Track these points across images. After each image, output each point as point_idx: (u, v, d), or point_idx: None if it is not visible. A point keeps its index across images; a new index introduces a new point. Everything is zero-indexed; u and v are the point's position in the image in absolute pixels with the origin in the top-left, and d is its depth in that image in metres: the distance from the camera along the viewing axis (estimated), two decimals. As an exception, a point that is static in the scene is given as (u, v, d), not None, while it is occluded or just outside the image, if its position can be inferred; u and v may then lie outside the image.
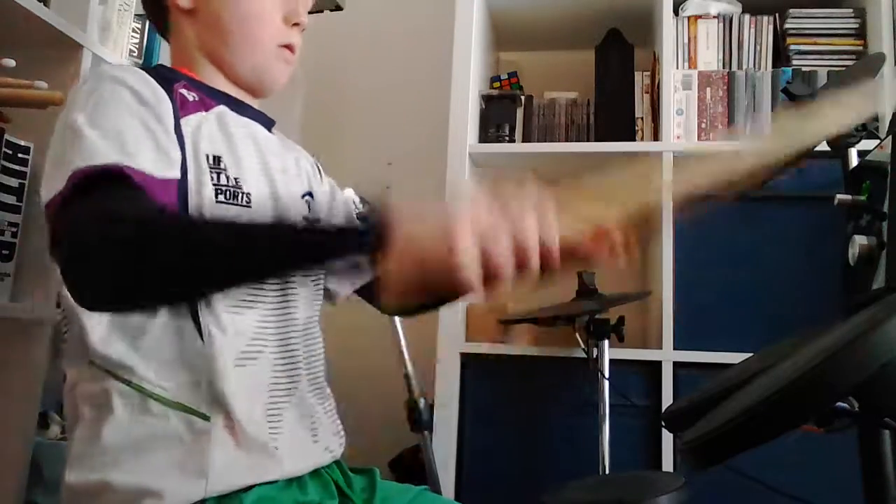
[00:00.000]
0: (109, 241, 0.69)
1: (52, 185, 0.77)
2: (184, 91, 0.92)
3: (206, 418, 0.83)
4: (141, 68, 0.91)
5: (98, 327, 0.84)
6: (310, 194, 1.09)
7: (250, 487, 0.85)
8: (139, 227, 0.70)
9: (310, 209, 1.07)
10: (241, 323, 0.89)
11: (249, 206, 0.91)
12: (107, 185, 0.75)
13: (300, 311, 0.97)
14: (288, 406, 0.92)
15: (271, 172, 0.98)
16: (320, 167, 1.16)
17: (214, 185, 0.88)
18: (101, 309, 0.80)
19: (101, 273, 0.70)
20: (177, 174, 0.84)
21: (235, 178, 0.91)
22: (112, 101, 0.82)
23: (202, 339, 0.85)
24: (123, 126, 0.80)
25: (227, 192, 0.89)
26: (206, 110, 0.94)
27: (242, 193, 0.91)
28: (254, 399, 0.88)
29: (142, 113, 0.83)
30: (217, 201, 0.88)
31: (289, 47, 1.00)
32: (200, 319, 0.85)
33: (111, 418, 0.83)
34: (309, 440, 0.95)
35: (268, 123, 1.06)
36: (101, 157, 0.76)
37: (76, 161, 0.76)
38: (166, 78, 0.92)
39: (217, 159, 0.90)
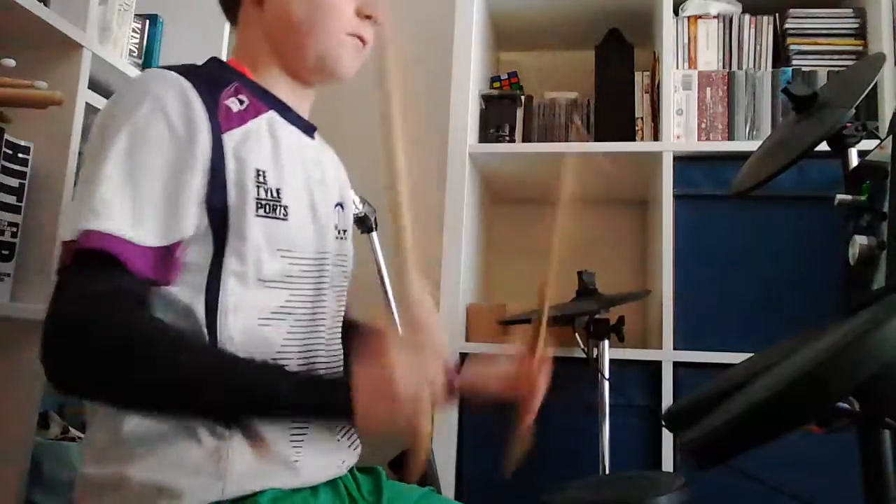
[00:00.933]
0: (90, 347, 0.74)
1: (68, 225, 0.80)
2: (231, 102, 0.91)
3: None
4: (189, 72, 0.89)
5: None
6: (340, 205, 1.09)
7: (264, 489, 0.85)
8: (119, 343, 0.74)
9: (341, 220, 1.07)
10: (268, 333, 0.89)
11: (286, 220, 0.91)
12: (105, 267, 0.77)
13: (326, 323, 0.98)
14: (310, 427, 0.92)
15: (311, 184, 0.98)
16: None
17: (256, 199, 0.88)
18: (62, 391, 0.84)
19: (72, 369, 0.75)
20: (190, 228, 0.83)
21: (277, 190, 0.91)
22: (146, 140, 0.83)
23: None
24: (146, 181, 0.81)
25: (268, 206, 0.89)
26: (257, 115, 0.94)
27: (281, 206, 0.91)
28: None
29: (172, 158, 0.83)
30: (259, 216, 0.88)
31: (360, 38, 1.00)
32: (217, 333, 0.85)
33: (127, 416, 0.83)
34: (329, 455, 0.95)
35: (309, 130, 1.05)
36: (111, 221, 0.78)
37: (90, 218, 0.78)
38: (214, 84, 0.91)
39: (259, 172, 0.89)
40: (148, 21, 1.83)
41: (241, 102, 0.93)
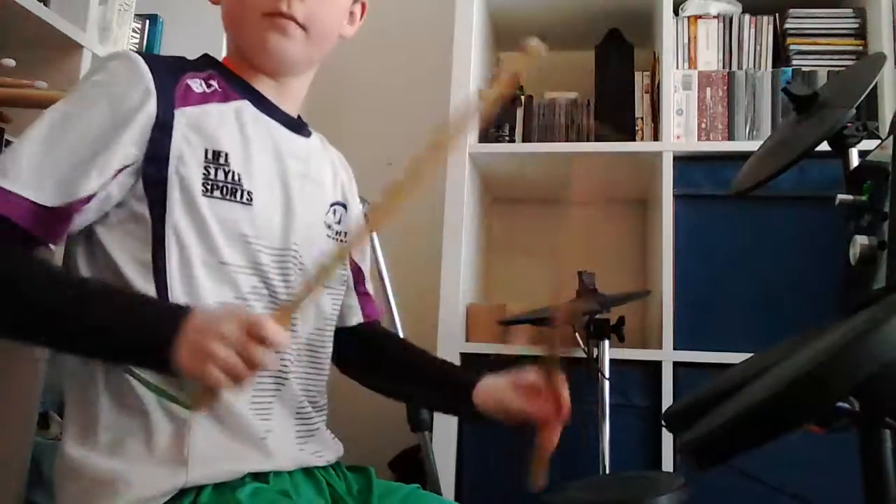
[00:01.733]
0: None
1: None
2: (194, 82, 0.93)
3: (186, 406, 0.83)
4: (157, 56, 0.94)
5: None
6: (343, 205, 1.08)
7: (242, 480, 0.85)
8: None
9: (340, 220, 1.07)
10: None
11: (250, 204, 0.91)
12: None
13: (303, 323, 0.98)
14: (275, 401, 0.93)
15: (287, 176, 0.98)
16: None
17: (209, 179, 0.88)
18: None
19: None
20: (88, 190, 0.84)
21: (238, 174, 0.91)
22: (80, 106, 0.87)
23: None
24: (63, 142, 0.84)
25: (225, 189, 0.89)
26: (225, 101, 0.95)
27: (242, 191, 0.91)
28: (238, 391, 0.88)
29: (99, 123, 0.85)
30: (208, 195, 0.88)
31: (280, 14, 0.95)
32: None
33: (95, 399, 0.85)
34: (300, 438, 0.95)
35: (297, 127, 1.05)
36: (14, 181, 0.81)
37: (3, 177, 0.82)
38: (183, 68, 0.94)
39: (217, 154, 0.90)
40: (148, 21, 1.83)
41: (209, 87, 0.94)
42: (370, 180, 1.23)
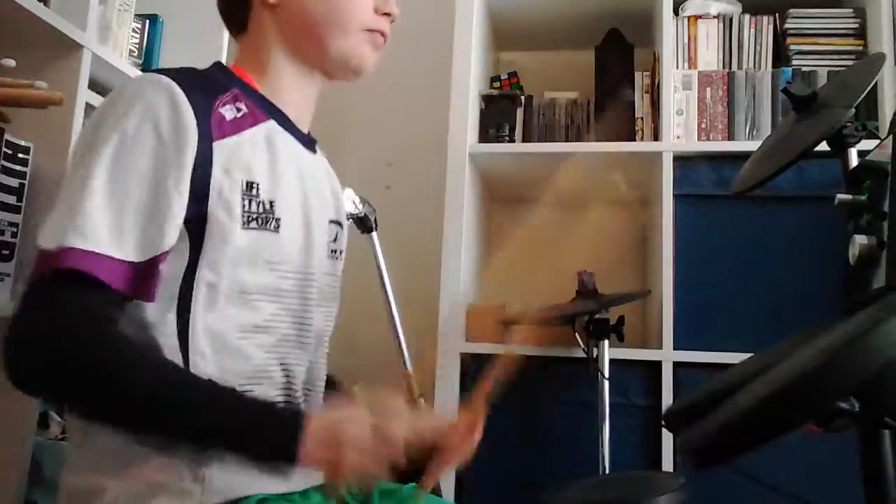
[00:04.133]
0: (51, 366, 0.75)
1: (48, 234, 0.79)
2: (226, 110, 0.90)
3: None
4: (184, 77, 0.87)
5: None
6: (338, 223, 1.08)
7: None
8: (78, 365, 0.75)
9: (336, 238, 1.06)
10: (247, 348, 0.88)
11: (277, 232, 0.90)
12: (81, 286, 0.77)
13: (312, 342, 0.98)
14: None
15: (307, 197, 0.98)
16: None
17: (245, 211, 0.87)
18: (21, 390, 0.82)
19: (32, 382, 0.78)
20: (171, 242, 0.82)
21: (270, 203, 0.90)
22: (133, 150, 0.82)
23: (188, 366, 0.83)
24: (131, 194, 0.81)
25: (259, 219, 0.88)
26: (255, 125, 0.93)
27: (273, 219, 0.90)
28: None
29: (159, 169, 0.82)
30: (246, 228, 0.86)
31: (380, 32, 1.01)
32: (189, 346, 0.84)
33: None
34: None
35: (311, 144, 1.04)
36: (92, 239, 0.78)
37: (72, 234, 0.77)
38: (211, 90, 0.90)
39: (251, 185, 0.88)
40: (148, 21, 1.83)
41: (239, 110, 0.91)
42: (370, 180, 1.23)
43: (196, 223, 0.84)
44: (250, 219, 0.87)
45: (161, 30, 1.87)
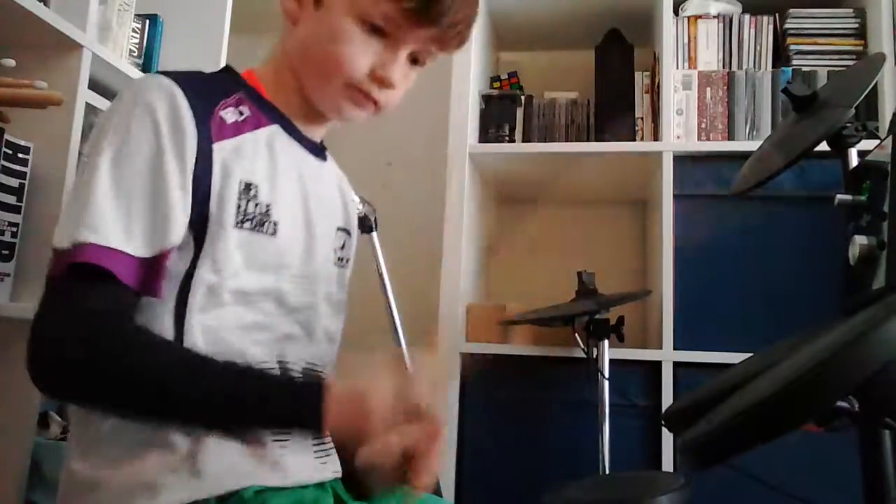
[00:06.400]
0: (78, 364, 0.77)
1: (61, 234, 0.80)
2: (226, 113, 0.90)
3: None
4: (186, 79, 0.88)
5: None
6: (347, 231, 1.08)
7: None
8: (103, 360, 0.76)
9: (343, 245, 1.06)
10: (244, 348, 0.88)
11: (275, 235, 0.90)
12: (97, 281, 0.78)
13: (314, 346, 0.97)
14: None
15: (309, 201, 0.97)
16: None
17: (240, 212, 0.87)
18: (45, 394, 0.84)
19: (60, 383, 0.79)
20: (177, 238, 0.83)
21: (267, 206, 0.90)
22: (135, 149, 0.83)
23: None
24: (136, 191, 0.82)
25: (254, 220, 0.88)
26: (257, 128, 0.93)
27: (270, 222, 0.90)
28: None
29: (159, 166, 0.83)
30: (239, 227, 0.87)
31: (365, 95, 0.95)
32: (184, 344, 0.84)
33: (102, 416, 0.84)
34: (318, 456, 0.94)
35: (319, 151, 1.04)
36: (104, 234, 0.79)
37: (84, 231, 0.79)
38: (213, 93, 0.90)
39: (248, 186, 0.88)
40: (148, 21, 1.83)
41: (241, 114, 0.92)
42: (370, 180, 1.23)
43: (199, 224, 0.85)
44: (244, 220, 0.87)
45: (161, 30, 1.87)
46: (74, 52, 1.48)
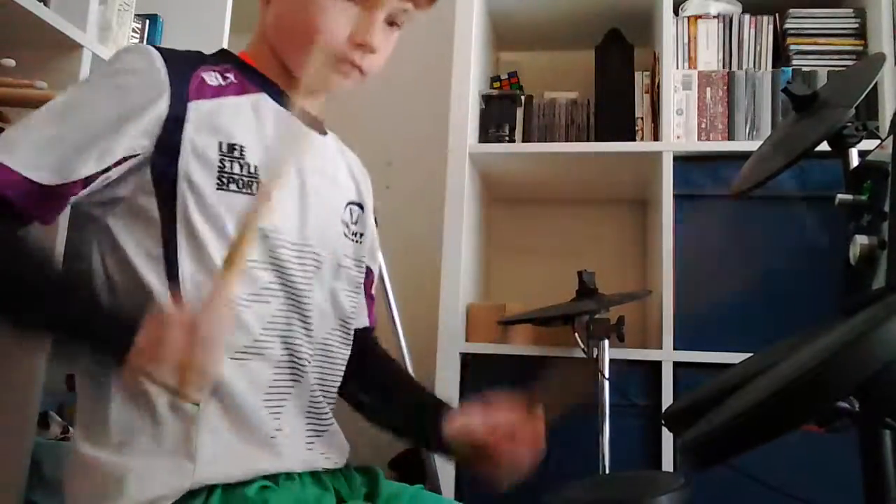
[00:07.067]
0: None
1: None
2: (209, 75, 0.92)
3: (195, 403, 0.82)
4: (172, 50, 0.92)
5: None
6: (359, 205, 1.08)
7: (252, 480, 0.85)
8: None
9: (357, 220, 1.06)
10: (246, 317, 0.88)
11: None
12: None
13: (319, 321, 0.97)
14: (289, 400, 0.92)
15: (303, 171, 0.97)
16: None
17: (224, 172, 0.87)
18: None
19: None
20: (86, 171, 0.84)
21: (255, 167, 0.90)
22: (89, 92, 0.89)
23: None
24: (65, 123, 0.85)
25: (241, 181, 0.88)
26: (241, 94, 0.94)
27: (256, 183, 0.89)
28: (252, 388, 0.88)
29: (104, 110, 0.86)
30: (224, 189, 0.87)
31: (347, 62, 0.96)
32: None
33: (108, 397, 0.85)
34: (310, 438, 0.95)
35: (313, 123, 1.04)
36: (12, 155, 0.81)
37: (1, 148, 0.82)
38: (198, 61, 0.93)
39: (232, 147, 0.89)
40: (148, 21, 1.83)
41: (225, 79, 0.93)
42: (370, 180, 1.23)
43: (165, 181, 0.86)
44: (230, 180, 0.88)
45: (161, 30, 1.87)
46: (74, 53, 1.48)
